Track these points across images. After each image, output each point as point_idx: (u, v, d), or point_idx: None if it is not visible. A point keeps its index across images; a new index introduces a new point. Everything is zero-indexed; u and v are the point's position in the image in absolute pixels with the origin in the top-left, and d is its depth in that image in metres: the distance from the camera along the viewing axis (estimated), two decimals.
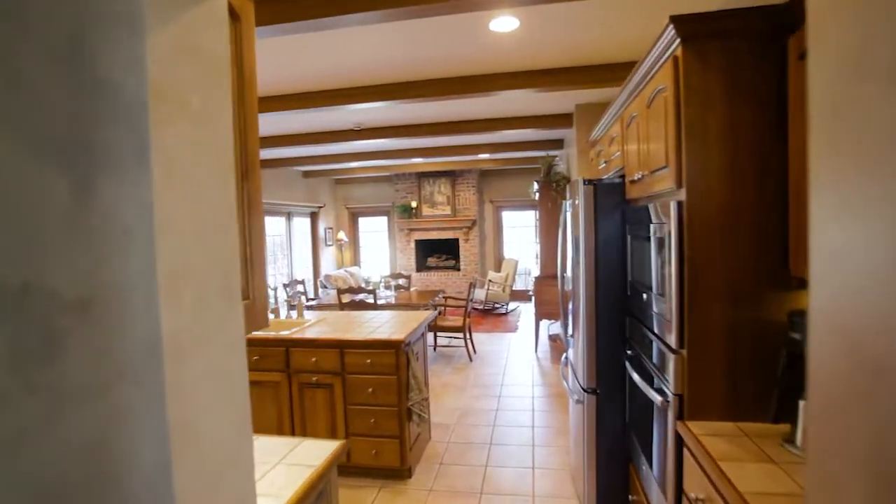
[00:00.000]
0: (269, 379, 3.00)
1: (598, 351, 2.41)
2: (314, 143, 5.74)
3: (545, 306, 5.86)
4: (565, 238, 2.97)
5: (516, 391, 4.54)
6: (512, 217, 10.10)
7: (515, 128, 5.41)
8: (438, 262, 9.92)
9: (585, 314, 2.44)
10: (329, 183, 10.21)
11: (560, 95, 4.51)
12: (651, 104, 1.74)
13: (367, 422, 2.88)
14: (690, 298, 1.47)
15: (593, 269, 2.39)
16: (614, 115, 2.52)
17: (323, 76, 3.62)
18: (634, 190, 2.09)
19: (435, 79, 3.76)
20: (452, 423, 3.83)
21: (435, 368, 5.34)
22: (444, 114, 5.07)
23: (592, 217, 2.37)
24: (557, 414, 3.94)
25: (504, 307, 8.88)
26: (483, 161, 8.51)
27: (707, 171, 1.44)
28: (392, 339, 2.83)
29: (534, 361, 5.52)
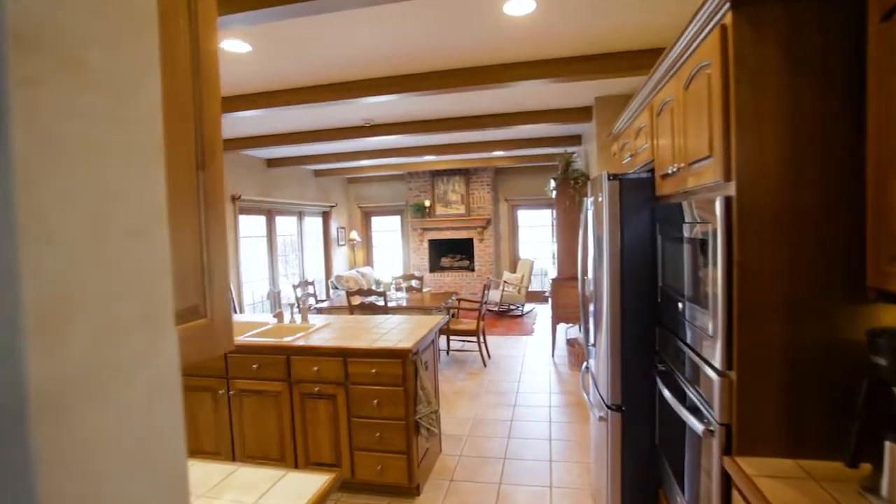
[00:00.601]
0: (270, 389, 2.83)
1: (623, 363, 2.18)
2: (324, 139, 5.58)
3: (563, 309, 5.62)
4: (586, 238, 2.74)
5: (533, 400, 4.31)
6: (528, 216, 9.85)
7: (532, 123, 5.18)
8: (452, 263, 9.72)
9: (609, 322, 2.21)
10: (341, 182, 10.08)
11: (579, 88, 4.27)
12: (690, 85, 1.51)
13: (371, 436, 2.69)
14: (741, 312, 1.24)
15: (618, 272, 2.16)
16: (642, 104, 2.28)
17: (329, 68, 3.44)
18: (666, 185, 1.85)
19: (447, 70, 3.56)
20: (465, 434, 3.62)
21: (447, 374, 5.14)
22: (457, 108, 4.87)
23: (618, 215, 2.14)
24: (577, 426, 3.70)
25: (519, 309, 8.64)
26: (498, 159, 8.28)
27: (763, 161, 1.21)
28: (398, 347, 2.63)
29: (551, 367, 5.28)
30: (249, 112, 4.04)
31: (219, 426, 2.96)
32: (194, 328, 0.82)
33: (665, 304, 1.93)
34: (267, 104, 3.92)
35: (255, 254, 7.33)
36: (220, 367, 2.91)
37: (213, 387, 2.94)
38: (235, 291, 6.51)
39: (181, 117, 0.80)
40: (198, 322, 0.83)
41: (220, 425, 2.96)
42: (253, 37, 2.82)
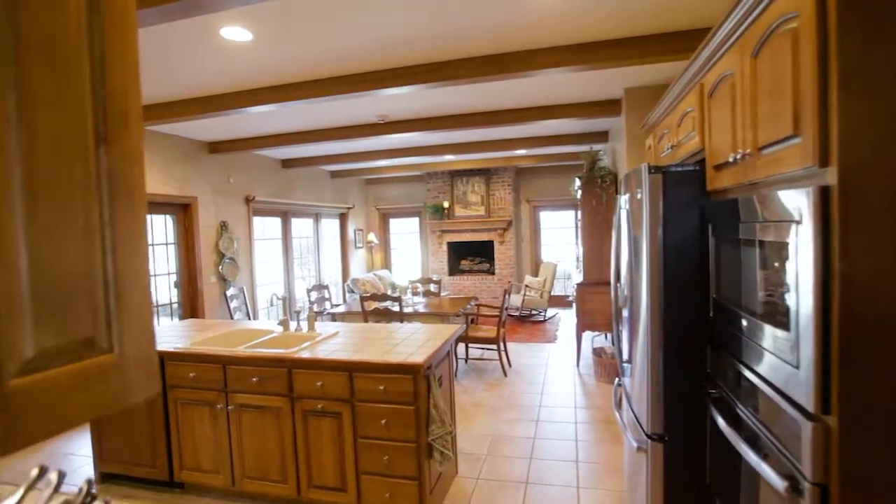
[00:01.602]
0: (270, 404, 2.61)
1: (666, 386, 1.88)
2: (338, 137, 5.38)
3: (589, 316, 5.28)
4: (619, 240, 2.44)
5: (557, 415, 4.00)
6: (550, 217, 9.50)
7: (555, 117, 4.87)
8: (472, 266, 9.43)
9: (648, 337, 1.91)
10: (359, 183, 9.91)
11: (607, 78, 3.96)
12: (762, 50, 1.21)
13: (379, 459, 2.44)
14: (845, 337, 0.94)
15: (660, 280, 1.86)
16: (688, 85, 1.98)
17: (337, 59, 3.21)
18: (723, 177, 1.55)
19: (464, 58, 3.29)
20: (483, 453, 3.34)
21: (465, 384, 4.87)
22: (475, 103, 4.60)
23: (660, 213, 1.84)
24: (606, 446, 3.38)
25: (542, 314, 8.30)
26: (519, 158, 7.98)
27: (877, 138, 0.91)
28: (409, 362, 2.37)
29: (576, 378, 4.95)
30: (258, 108, 3.86)
31: (217, 442, 2.75)
32: (88, 370, 0.57)
33: (721, 319, 1.62)
34: (274, 99, 3.72)
35: (271, 256, 7.19)
36: (219, 380, 2.71)
37: (212, 400, 2.74)
38: (249, 296, 6.36)
39: (58, 63, 0.55)
40: (95, 360, 0.58)
41: (219, 442, 2.75)
42: (253, 22, 2.61)
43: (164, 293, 5.30)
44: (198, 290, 5.55)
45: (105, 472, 3.12)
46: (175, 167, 5.30)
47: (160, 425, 2.88)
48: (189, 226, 5.51)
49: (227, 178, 6.11)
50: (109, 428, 3.02)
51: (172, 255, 5.41)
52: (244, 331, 3.28)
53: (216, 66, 3.25)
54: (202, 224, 5.66)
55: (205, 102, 3.91)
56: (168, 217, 5.34)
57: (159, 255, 5.24)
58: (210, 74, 3.40)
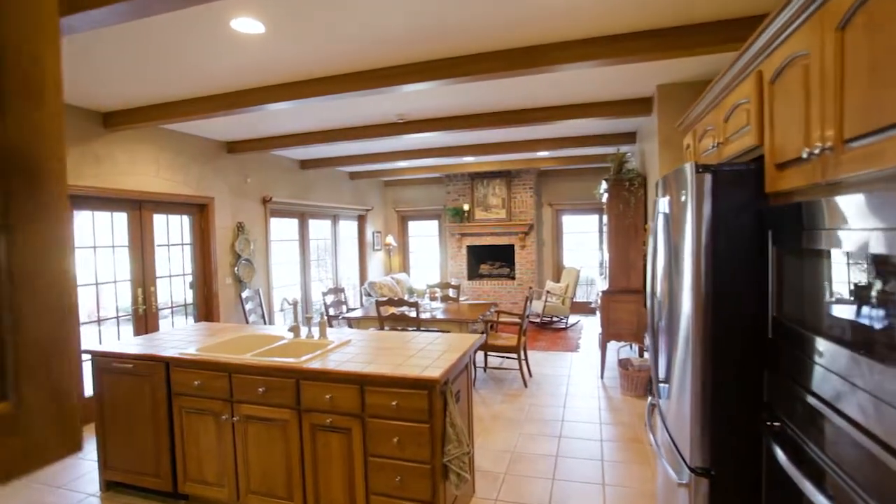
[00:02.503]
0: (277, 416, 2.46)
1: (713, 414, 1.66)
2: (356, 137, 5.25)
3: (614, 326, 5.03)
4: (656, 246, 2.22)
5: (580, 430, 3.77)
6: (573, 221, 9.23)
7: (581, 117, 4.65)
8: (492, 270, 9.21)
9: (690, 356, 1.70)
10: (378, 185, 9.80)
11: (638, 74, 3.73)
12: (851, 21, 1.00)
13: (391, 479, 2.26)
14: None
15: (704, 292, 1.65)
16: (739, 75, 1.76)
17: (353, 53, 3.07)
18: (791, 177, 1.33)
19: (485, 52, 3.11)
20: (502, 471, 3.14)
21: (484, 394, 4.67)
22: (496, 102, 4.41)
23: (707, 218, 1.63)
24: (636, 469, 3.14)
25: (563, 321, 8.04)
26: (542, 160, 7.75)
27: None
28: (424, 377, 2.19)
29: (600, 391, 4.70)
30: (275, 105, 3.74)
31: (222, 454, 2.62)
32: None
33: (784, 342, 1.40)
34: (290, 96, 3.60)
35: (287, 258, 7.11)
36: (225, 389, 2.57)
37: (217, 410, 2.60)
38: (265, 298, 6.28)
39: None
40: None
41: (224, 454, 2.61)
42: (264, 13, 2.48)
43: (178, 293, 5.24)
44: (213, 292, 5.48)
45: (110, 480, 3.02)
46: (192, 167, 5.24)
47: (164, 434, 2.76)
48: (205, 226, 5.45)
49: (244, 178, 6.05)
50: (113, 435, 2.92)
51: (188, 255, 5.35)
52: (253, 336, 3.15)
53: (230, 61, 3.14)
54: (218, 225, 5.59)
55: (220, 100, 3.82)
56: (184, 217, 5.29)
57: (175, 256, 5.18)
58: (224, 70, 3.29)
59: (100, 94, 3.79)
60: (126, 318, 4.64)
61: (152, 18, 2.50)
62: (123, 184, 4.47)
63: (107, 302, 4.52)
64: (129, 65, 3.16)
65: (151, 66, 3.20)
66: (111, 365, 2.88)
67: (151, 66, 3.20)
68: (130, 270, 4.64)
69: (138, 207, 4.70)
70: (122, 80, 3.46)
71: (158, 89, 3.67)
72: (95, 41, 2.76)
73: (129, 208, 4.63)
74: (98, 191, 4.22)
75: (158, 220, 4.94)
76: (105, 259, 4.46)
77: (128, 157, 4.53)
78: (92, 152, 4.21)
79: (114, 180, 4.38)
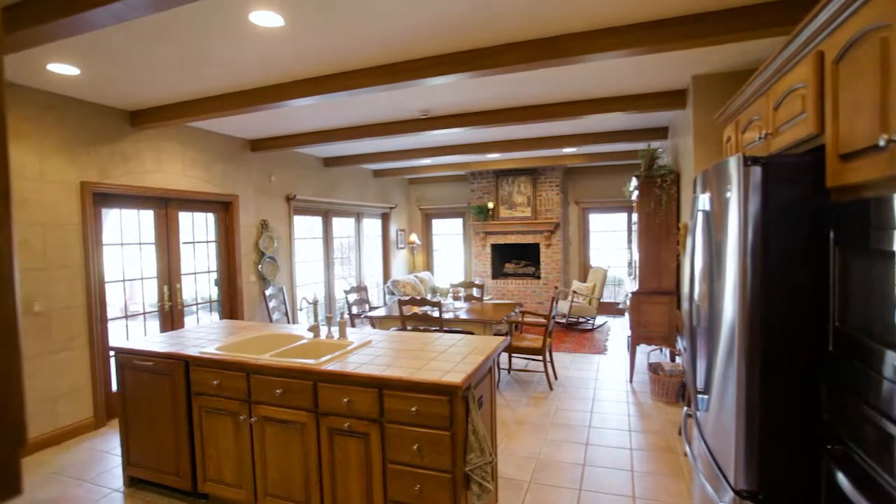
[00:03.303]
0: (294, 419, 2.40)
1: (761, 431, 1.51)
2: (380, 134, 5.19)
3: (644, 328, 4.83)
4: (694, 246, 2.06)
5: (609, 438, 3.61)
6: (600, 220, 8.98)
7: (609, 111, 4.46)
8: (516, 269, 9.05)
9: (736, 366, 1.55)
10: (401, 183, 9.76)
11: (671, 65, 3.54)
12: None
13: (410, 488, 2.17)
14: None
15: (753, 296, 1.50)
16: (794, 57, 1.59)
17: (374, 45, 2.99)
18: (860, 169, 1.18)
19: (510, 43, 2.99)
20: (526, 479, 3.01)
21: (508, 396, 4.55)
22: (522, 96, 4.27)
23: (758, 215, 1.48)
24: (668, 481, 2.97)
25: (590, 322, 7.83)
26: (568, 157, 7.55)
27: None
28: (445, 382, 2.09)
29: (629, 396, 4.52)
30: (297, 101, 3.69)
31: (240, 455, 2.58)
32: None
33: (847, 355, 1.25)
34: (312, 92, 3.55)
35: (311, 256, 7.12)
36: (243, 389, 2.53)
37: (235, 410, 2.56)
38: (289, 296, 6.29)
39: None
40: None
41: (242, 454, 2.57)
42: (283, 6, 2.41)
43: (203, 290, 5.28)
44: (237, 289, 5.51)
45: (132, 477, 3.02)
46: (216, 165, 5.27)
47: (184, 433, 2.74)
48: (230, 224, 5.48)
49: (268, 176, 6.06)
50: (136, 432, 2.92)
51: (213, 253, 5.39)
52: (273, 336, 3.11)
53: (250, 57, 3.10)
54: (242, 222, 5.62)
55: (243, 97, 3.80)
56: (209, 215, 5.32)
57: (200, 253, 5.22)
58: (246, 66, 3.26)
59: (126, 93, 3.82)
60: (153, 313, 4.70)
61: (173, 15, 2.47)
62: (150, 182, 4.51)
63: (135, 298, 4.58)
64: (153, 63, 3.15)
65: (174, 64, 3.19)
66: (133, 362, 2.88)
67: (174, 64, 3.19)
68: (157, 267, 4.69)
69: (164, 205, 4.75)
70: (146, 79, 3.47)
71: (182, 87, 3.68)
72: (120, 41, 2.75)
73: (156, 206, 4.67)
74: (126, 189, 4.27)
75: (184, 218, 4.98)
76: (132, 256, 4.51)
77: (154, 155, 4.57)
78: (120, 151, 4.26)
79: (140, 178, 4.42)
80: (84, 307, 3.97)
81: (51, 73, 3.30)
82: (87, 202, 3.96)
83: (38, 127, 3.67)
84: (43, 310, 3.70)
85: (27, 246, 3.61)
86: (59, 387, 3.82)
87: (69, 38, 2.72)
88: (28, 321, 3.62)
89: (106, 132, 4.14)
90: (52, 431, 3.76)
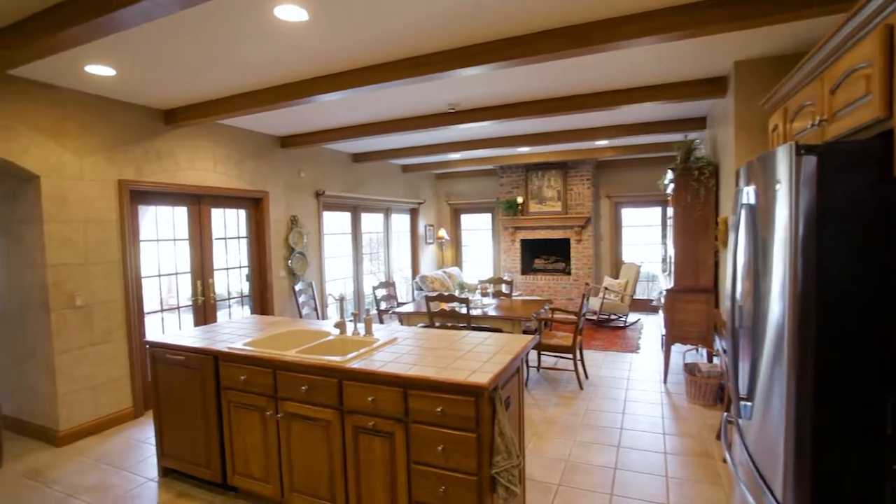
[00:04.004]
0: (320, 416, 2.39)
1: (815, 446, 1.39)
2: (408, 129, 5.14)
3: (680, 327, 4.64)
4: (737, 242, 1.93)
5: (642, 441, 3.48)
6: (633, 215, 8.72)
7: (644, 101, 4.28)
8: (546, 265, 8.89)
9: (785, 372, 1.43)
10: (430, 178, 9.72)
11: (710, 50, 3.36)
12: None
13: (435, 489, 2.13)
14: None
15: (804, 296, 1.38)
16: (855, 34, 1.45)
17: (400, 38, 2.93)
18: None
19: (541, 31, 2.88)
20: (555, 482, 2.93)
21: (537, 395, 4.45)
22: (552, 87, 4.14)
23: (812, 208, 1.36)
24: (705, 488, 2.83)
25: (622, 319, 7.62)
26: (600, 150, 7.34)
27: None
28: (471, 382, 2.03)
29: (663, 397, 4.36)
30: (324, 96, 3.69)
31: (267, 450, 2.59)
32: None
33: None
34: (339, 86, 3.53)
35: (340, 252, 7.17)
36: (269, 385, 2.54)
37: (262, 406, 2.58)
38: (318, 291, 6.36)
39: None
40: None
41: (269, 450, 2.58)
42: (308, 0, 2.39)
43: (235, 285, 5.38)
44: (268, 284, 5.59)
45: (166, 467, 3.10)
46: (247, 162, 5.35)
47: (214, 426, 2.78)
48: (260, 220, 5.56)
49: (297, 172, 6.12)
50: (169, 423, 2.98)
51: (244, 248, 5.49)
52: (300, 332, 3.12)
53: (277, 52, 3.10)
54: (273, 218, 5.69)
55: (272, 93, 3.82)
56: (240, 211, 5.41)
57: (231, 249, 5.32)
58: (273, 62, 3.26)
59: (159, 93, 3.89)
60: (187, 308, 4.81)
61: (199, 13, 2.48)
62: (183, 179, 4.61)
63: (174, 292, 4.71)
64: (182, 62, 3.19)
65: (203, 62, 3.22)
66: (165, 356, 2.93)
67: (203, 62, 3.22)
68: (190, 263, 4.80)
69: (197, 202, 4.85)
70: (177, 78, 3.52)
71: (211, 85, 3.72)
72: (151, 41, 2.79)
73: (189, 203, 4.78)
74: (160, 186, 4.37)
75: (216, 215, 5.08)
76: (167, 252, 4.63)
77: (188, 153, 4.67)
78: (154, 149, 4.36)
79: (174, 176, 4.52)
80: (122, 301, 4.10)
81: (89, 74, 3.39)
82: (124, 199, 4.08)
83: (79, 127, 3.79)
84: (84, 303, 3.83)
85: (69, 242, 3.74)
86: (100, 377, 3.95)
87: (104, 40, 2.78)
88: (72, 314, 3.76)
89: (141, 131, 4.25)
90: (95, 420, 3.90)
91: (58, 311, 3.67)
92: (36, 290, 3.67)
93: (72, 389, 3.77)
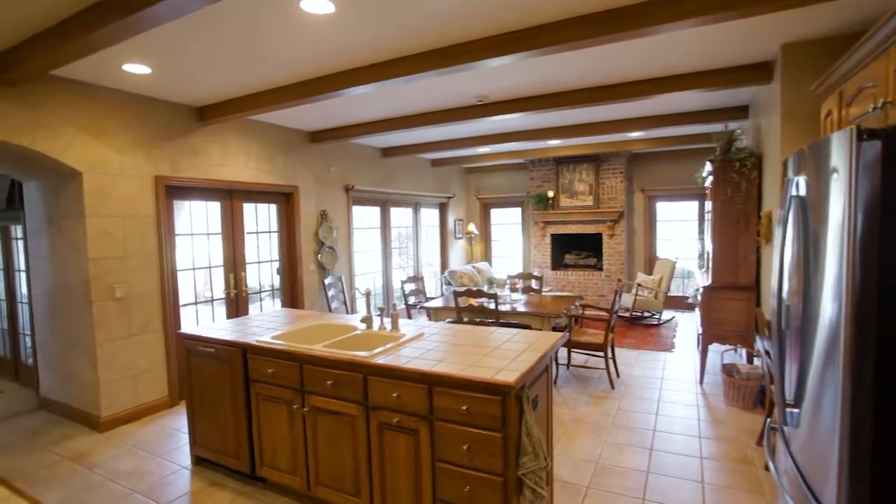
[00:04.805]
0: (346, 411, 2.39)
1: (873, 463, 1.27)
2: (436, 122, 5.09)
3: (717, 326, 4.45)
4: (784, 237, 1.80)
5: (676, 444, 3.34)
6: (668, 209, 8.43)
7: (681, 90, 4.09)
8: (577, 260, 8.71)
9: (841, 378, 1.32)
10: (459, 172, 9.65)
11: (753, 33, 3.17)
12: None
13: (459, 488, 2.09)
14: None
15: (865, 295, 1.26)
16: None
17: (429, 30, 2.88)
18: None
19: (571, 17, 2.77)
20: (584, 484, 2.85)
21: (566, 393, 4.36)
22: (583, 76, 4.01)
23: (875, 199, 1.24)
24: (743, 497, 2.69)
25: (656, 317, 7.39)
26: (633, 142, 7.10)
27: None
28: (498, 381, 1.98)
29: (699, 398, 4.19)
30: (352, 90, 3.67)
31: (294, 443, 2.61)
32: None
33: None
34: (366, 80, 3.51)
35: (369, 246, 7.21)
36: (296, 378, 2.55)
37: (289, 399, 2.59)
38: (347, 285, 6.41)
39: None
40: None
41: (296, 442, 2.60)
42: None
43: (266, 278, 5.48)
44: (298, 278, 5.67)
45: (198, 456, 3.17)
46: (278, 157, 5.42)
47: (243, 418, 2.82)
48: (291, 214, 5.63)
49: (327, 167, 6.17)
50: (200, 414, 3.05)
51: (275, 242, 5.57)
52: (327, 326, 3.13)
53: (305, 46, 3.09)
54: (303, 213, 5.76)
55: (301, 88, 3.83)
56: (271, 206, 5.50)
57: (263, 243, 5.41)
58: (301, 56, 3.27)
59: (192, 90, 3.97)
60: (220, 300, 4.93)
61: (227, 8, 2.49)
62: (217, 174, 4.70)
63: (206, 285, 4.82)
64: (213, 59, 3.23)
65: (232, 59, 3.25)
66: (197, 348, 2.99)
67: (232, 59, 3.25)
68: (223, 256, 4.91)
69: (230, 197, 4.94)
70: (208, 75, 3.58)
71: (242, 80, 3.76)
72: (182, 39, 2.83)
73: (222, 197, 4.87)
74: (195, 181, 4.47)
75: (248, 209, 5.17)
76: (201, 246, 4.74)
77: (220, 148, 4.75)
78: (189, 145, 4.46)
79: (207, 171, 4.62)
80: (158, 294, 4.22)
81: (126, 73, 3.48)
82: (160, 194, 4.19)
83: (119, 124, 3.91)
84: (123, 295, 3.96)
85: (109, 236, 3.87)
86: (138, 366, 4.09)
87: (139, 39, 2.84)
88: (112, 305, 3.89)
89: (176, 128, 4.35)
90: (133, 408, 4.04)
91: (99, 303, 3.80)
92: (80, 282, 3.81)
93: (112, 378, 3.91)
